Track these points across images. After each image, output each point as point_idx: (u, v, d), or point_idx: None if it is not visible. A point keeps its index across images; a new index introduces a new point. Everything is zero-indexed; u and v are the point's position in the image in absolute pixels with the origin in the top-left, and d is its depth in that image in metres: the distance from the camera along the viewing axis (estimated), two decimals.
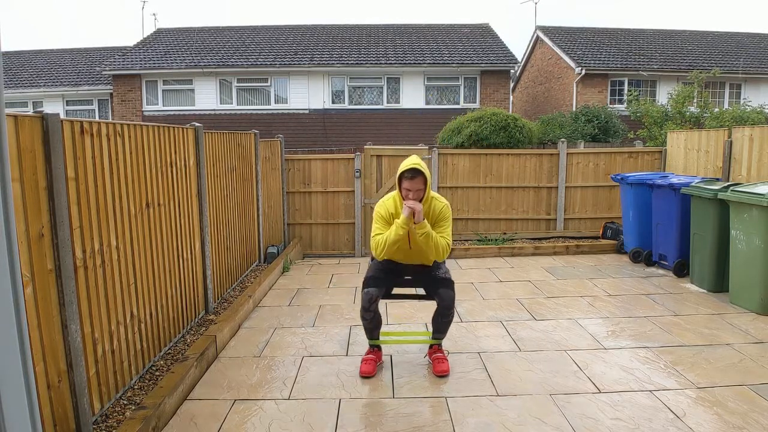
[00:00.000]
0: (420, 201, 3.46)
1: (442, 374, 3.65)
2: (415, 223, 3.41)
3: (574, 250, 7.73)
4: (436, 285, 3.69)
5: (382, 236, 3.53)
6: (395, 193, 3.62)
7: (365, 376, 3.66)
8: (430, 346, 3.88)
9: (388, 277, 3.75)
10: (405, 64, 15.47)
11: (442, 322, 3.74)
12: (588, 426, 2.98)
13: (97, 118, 8.95)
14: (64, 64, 18.01)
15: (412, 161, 3.44)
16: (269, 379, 3.67)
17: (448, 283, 3.68)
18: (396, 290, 3.95)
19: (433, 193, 3.64)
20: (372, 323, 3.73)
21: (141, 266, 3.57)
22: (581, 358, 3.91)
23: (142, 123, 3.67)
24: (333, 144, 14.97)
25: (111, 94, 16.21)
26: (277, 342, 4.40)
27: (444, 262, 3.83)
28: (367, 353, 3.83)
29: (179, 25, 21.43)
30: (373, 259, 3.86)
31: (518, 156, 8.46)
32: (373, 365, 3.73)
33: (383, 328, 4.01)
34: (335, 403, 3.31)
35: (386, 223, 3.58)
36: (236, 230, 6.00)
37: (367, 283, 3.67)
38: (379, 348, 3.89)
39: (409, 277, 3.85)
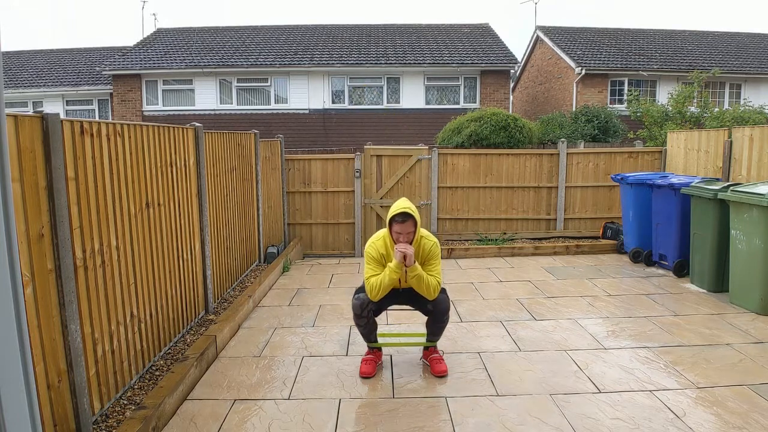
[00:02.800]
0: (410, 242, 3.52)
1: (440, 375, 3.65)
2: (406, 266, 3.49)
3: (574, 250, 7.73)
4: (427, 309, 3.72)
5: (376, 279, 3.57)
6: (385, 232, 3.67)
7: (365, 376, 3.67)
8: (425, 348, 3.88)
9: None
10: (405, 64, 15.47)
11: (437, 326, 3.76)
12: (588, 426, 2.98)
13: (97, 118, 8.95)
14: (64, 64, 18.01)
15: (402, 205, 3.51)
16: (269, 379, 3.67)
17: (441, 290, 3.70)
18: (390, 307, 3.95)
19: (422, 231, 3.68)
20: (367, 328, 3.74)
21: (141, 266, 3.57)
22: (581, 358, 3.91)
23: (142, 123, 3.67)
24: (333, 144, 14.97)
25: (111, 94, 16.21)
26: (277, 342, 4.40)
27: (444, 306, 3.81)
28: (367, 353, 3.84)
29: (179, 25, 21.44)
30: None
31: (518, 156, 8.46)
32: (373, 365, 3.74)
33: (382, 329, 4.02)
34: (335, 403, 3.31)
35: (378, 264, 3.63)
36: (236, 230, 6.00)
37: (359, 290, 3.72)
38: (378, 348, 3.89)
39: (404, 290, 3.80)
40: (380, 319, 3.96)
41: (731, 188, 5.16)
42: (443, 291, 3.73)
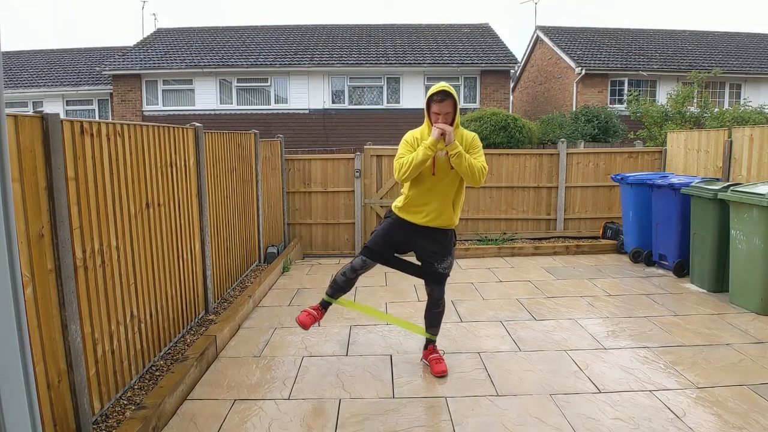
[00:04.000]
0: (450, 126, 3.30)
1: (440, 375, 3.64)
2: (446, 144, 3.23)
3: (574, 250, 7.73)
4: (430, 276, 3.64)
5: (407, 158, 3.31)
6: (423, 125, 3.47)
7: (300, 326, 3.63)
8: (425, 347, 3.87)
9: (388, 252, 3.65)
10: (405, 64, 15.47)
11: (433, 313, 3.74)
12: (588, 426, 2.98)
13: (97, 118, 8.95)
14: (64, 64, 18.01)
15: (441, 84, 3.31)
16: (269, 379, 3.67)
17: (442, 278, 3.64)
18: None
19: (461, 126, 3.50)
20: (345, 283, 3.68)
21: (141, 266, 3.57)
22: (581, 358, 3.91)
23: (142, 123, 3.67)
24: (333, 144, 14.97)
25: (111, 94, 16.21)
26: (277, 342, 4.40)
27: (453, 252, 3.70)
28: (315, 307, 3.75)
29: (179, 25, 21.45)
30: (385, 217, 3.68)
31: (518, 156, 8.46)
32: (312, 319, 3.66)
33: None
34: (335, 403, 3.31)
35: (412, 148, 3.39)
36: (236, 230, 6.00)
37: (365, 252, 3.61)
38: (325, 309, 3.78)
39: (422, 237, 3.60)
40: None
41: (731, 188, 5.16)
42: (443, 281, 3.62)
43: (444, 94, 3.28)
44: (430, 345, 3.84)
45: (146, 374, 3.60)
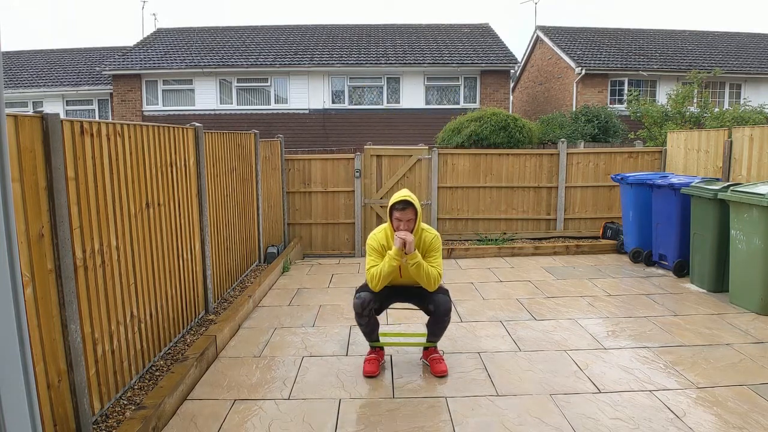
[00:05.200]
0: (411, 232, 3.52)
1: (440, 375, 3.65)
2: (406, 253, 3.48)
3: (574, 250, 7.73)
4: (430, 295, 3.68)
5: (376, 269, 3.58)
6: (386, 225, 3.69)
7: (369, 376, 3.66)
8: (425, 348, 3.88)
9: (382, 292, 3.73)
10: (405, 64, 15.46)
11: (437, 327, 3.75)
12: (588, 426, 2.98)
13: (97, 118, 8.95)
14: (64, 64, 18.01)
15: (403, 194, 3.54)
16: (269, 379, 3.67)
17: (442, 291, 3.71)
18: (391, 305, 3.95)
19: (423, 225, 3.69)
20: (369, 327, 3.74)
21: (141, 266, 3.57)
22: (581, 358, 3.91)
23: (142, 123, 3.67)
24: (333, 144, 14.97)
25: (111, 94, 16.21)
26: (277, 342, 4.40)
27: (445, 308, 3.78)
28: (369, 353, 3.84)
29: (179, 25, 21.45)
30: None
31: (518, 156, 8.46)
32: (376, 365, 3.74)
33: (383, 328, 4.02)
34: (335, 403, 3.31)
35: (379, 255, 3.64)
36: (236, 230, 6.00)
37: (360, 289, 3.73)
38: (381, 347, 3.89)
39: (405, 286, 3.80)
40: (380, 318, 3.95)
41: (731, 188, 5.16)
42: (446, 293, 3.72)
43: (405, 204, 3.50)
44: (432, 348, 3.86)
45: (146, 374, 3.60)
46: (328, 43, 16.99)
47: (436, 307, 3.64)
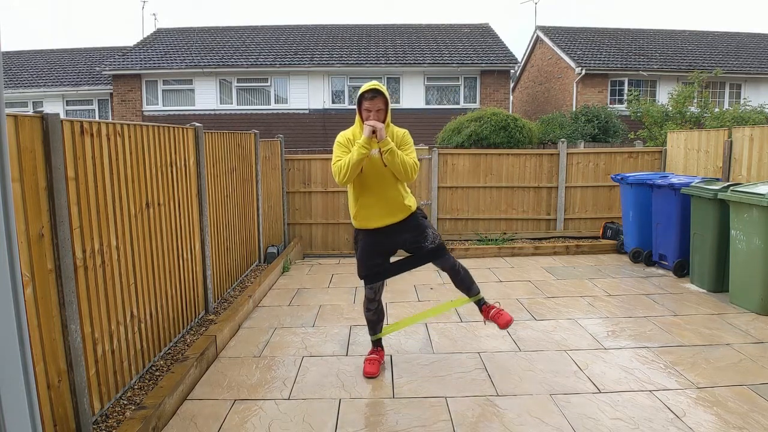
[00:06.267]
0: (381, 123, 3.34)
1: (508, 325, 3.58)
2: (378, 140, 3.28)
3: (574, 250, 7.73)
4: (431, 257, 3.59)
5: (343, 160, 3.35)
6: (355, 123, 3.52)
7: (370, 376, 3.64)
8: (480, 310, 3.75)
9: (381, 265, 3.62)
10: (405, 64, 15.47)
11: (460, 279, 3.68)
12: (588, 426, 2.98)
13: (97, 118, 8.95)
14: (64, 64, 18.01)
15: (372, 83, 3.37)
16: (269, 379, 3.67)
17: (441, 251, 3.58)
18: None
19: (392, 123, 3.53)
20: (376, 315, 3.72)
21: (141, 266, 3.57)
22: (581, 358, 3.91)
23: (142, 123, 3.67)
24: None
25: (111, 94, 16.21)
26: (277, 342, 4.40)
27: (428, 223, 3.68)
28: (370, 352, 3.82)
29: (179, 25, 21.45)
30: (355, 239, 3.71)
31: (518, 156, 8.46)
32: (377, 365, 3.71)
33: (386, 322, 4.01)
34: (335, 403, 3.31)
35: (346, 149, 3.43)
36: (236, 230, 6.00)
37: (366, 281, 3.62)
38: (381, 346, 3.88)
39: (396, 227, 3.60)
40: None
41: (731, 188, 5.16)
42: (442, 251, 3.57)
43: (374, 92, 3.34)
44: (482, 305, 3.75)
45: (146, 374, 3.60)
46: (328, 43, 16.99)
47: (443, 268, 3.58)
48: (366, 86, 3.38)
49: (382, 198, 3.50)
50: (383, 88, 3.37)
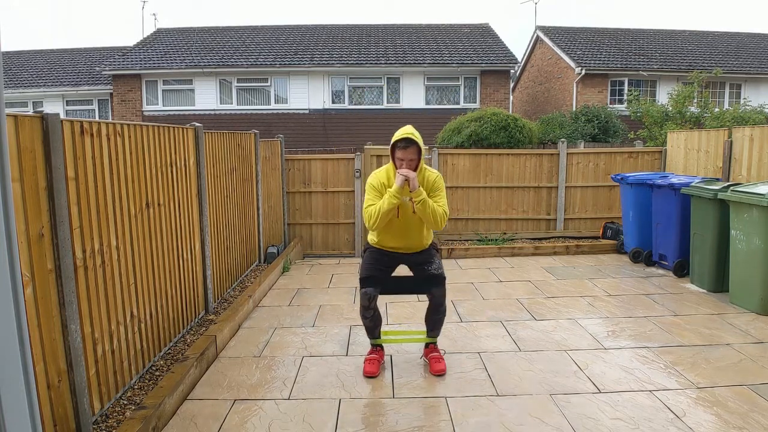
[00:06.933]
0: (414, 170, 3.38)
1: (439, 373, 3.65)
2: (410, 191, 3.32)
3: (574, 250, 7.73)
4: (428, 283, 3.66)
5: (374, 206, 3.41)
6: (388, 165, 3.56)
7: (369, 376, 3.65)
8: (426, 346, 3.88)
9: (383, 274, 3.71)
10: (405, 64, 15.47)
11: (434, 319, 3.74)
12: (588, 426, 2.98)
13: (97, 118, 8.95)
14: (64, 64, 18.01)
15: (406, 130, 3.38)
16: (269, 379, 3.67)
17: (440, 280, 3.64)
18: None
19: (426, 165, 3.57)
20: (373, 322, 3.73)
21: (141, 266, 3.57)
22: (581, 358, 3.91)
23: (142, 123, 3.67)
24: (333, 144, 14.97)
25: (111, 94, 16.21)
26: (277, 342, 4.40)
27: (438, 255, 3.80)
28: (370, 353, 3.83)
29: (179, 25, 21.45)
30: (365, 250, 3.83)
31: (518, 156, 8.46)
32: (376, 365, 3.73)
33: (384, 328, 4.02)
34: (335, 403, 3.31)
35: (378, 194, 3.47)
36: (236, 230, 6.00)
37: (364, 283, 3.67)
38: (381, 347, 3.89)
39: (406, 255, 3.73)
40: (379, 305, 3.94)
41: (731, 188, 5.16)
42: (442, 283, 3.63)
43: (408, 141, 3.35)
44: (431, 344, 3.86)
45: (146, 374, 3.60)
46: (328, 43, 16.99)
47: (432, 298, 3.64)
48: (400, 134, 3.38)
49: (405, 237, 3.63)
50: (417, 137, 3.38)
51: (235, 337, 4.50)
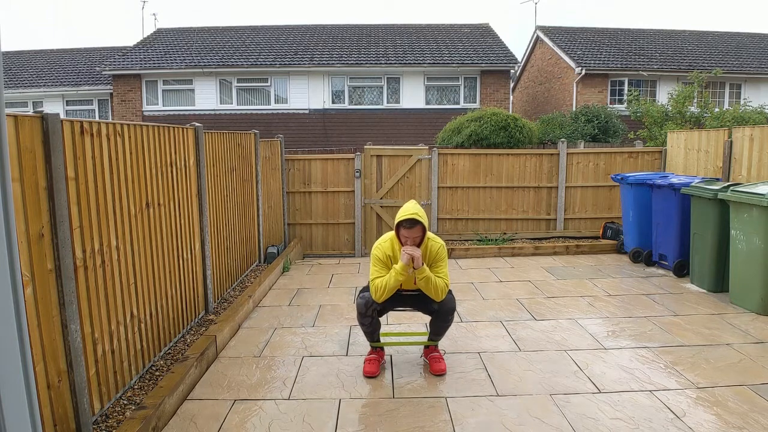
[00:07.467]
0: (418, 246, 3.49)
1: (439, 373, 3.65)
2: (414, 269, 3.45)
3: (574, 250, 7.72)
4: (438, 315, 3.70)
5: (381, 280, 3.53)
6: (392, 235, 3.64)
7: (369, 376, 3.66)
8: (426, 346, 3.88)
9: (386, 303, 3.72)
10: (405, 64, 15.46)
11: (441, 326, 3.75)
12: (588, 426, 2.98)
13: (97, 118, 8.95)
14: (64, 64, 18.00)
15: (411, 210, 3.44)
16: (269, 379, 3.67)
17: (449, 302, 3.69)
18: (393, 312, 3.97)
19: (429, 234, 3.64)
20: (371, 328, 3.73)
21: (141, 266, 3.57)
22: (581, 358, 3.91)
23: (142, 123, 3.67)
24: (333, 144, 14.97)
25: (111, 94, 16.21)
26: (277, 342, 4.40)
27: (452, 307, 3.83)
28: (370, 353, 3.83)
29: (179, 25, 21.44)
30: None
31: (518, 156, 8.46)
32: (376, 365, 3.73)
33: (384, 329, 4.02)
34: (335, 403, 3.31)
35: (384, 265, 3.59)
36: (236, 230, 6.00)
37: (364, 290, 3.70)
38: (381, 347, 3.89)
39: (408, 292, 3.79)
40: (381, 319, 3.95)
41: (731, 188, 5.16)
42: (449, 291, 3.71)
43: (413, 222, 3.42)
44: (432, 347, 3.86)
45: (146, 374, 3.60)
46: (328, 43, 16.98)
47: (441, 306, 3.63)
48: (404, 214, 3.44)
49: (411, 305, 3.82)
50: (422, 218, 3.44)
51: (235, 337, 4.50)
